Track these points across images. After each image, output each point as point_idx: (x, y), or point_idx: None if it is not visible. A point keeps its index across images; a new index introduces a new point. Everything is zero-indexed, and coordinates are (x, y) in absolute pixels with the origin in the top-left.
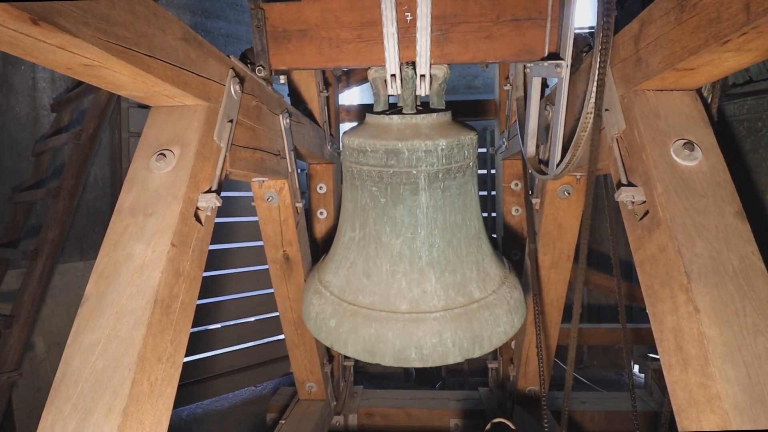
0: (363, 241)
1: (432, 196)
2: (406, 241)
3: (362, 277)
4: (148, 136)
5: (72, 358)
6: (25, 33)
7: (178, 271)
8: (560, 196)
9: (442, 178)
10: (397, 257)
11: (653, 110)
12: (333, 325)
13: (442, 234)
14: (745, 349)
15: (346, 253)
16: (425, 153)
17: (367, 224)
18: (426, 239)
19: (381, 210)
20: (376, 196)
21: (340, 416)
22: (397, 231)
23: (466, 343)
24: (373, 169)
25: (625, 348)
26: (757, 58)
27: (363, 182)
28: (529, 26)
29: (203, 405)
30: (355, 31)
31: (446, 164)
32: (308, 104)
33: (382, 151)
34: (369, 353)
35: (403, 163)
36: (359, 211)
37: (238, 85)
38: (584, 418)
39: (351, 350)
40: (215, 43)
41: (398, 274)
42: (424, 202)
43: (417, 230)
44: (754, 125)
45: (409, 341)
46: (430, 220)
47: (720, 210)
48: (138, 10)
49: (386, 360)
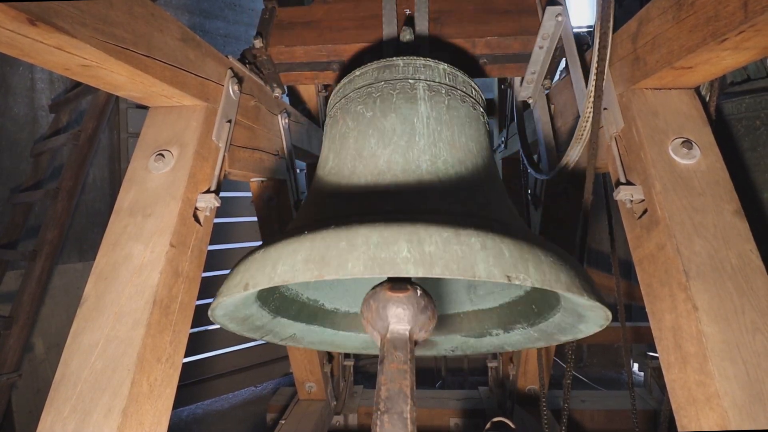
0: (336, 167)
1: (434, 108)
2: (398, 149)
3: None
4: (146, 137)
5: (71, 359)
6: (22, 33)
7: (177, 272)
8: (559, 194)
9: (445, 93)
10: (384, 166)
11: (651, 109)
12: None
13: (450, 150)
14: (744, 346)
15: (313, 197)
16: (424, 67)
17: (345, 146)
18: (427, 149)
19: (366, 125)
20: (360, 114)
21: (340, 416)
22: (386, 140)
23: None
24: (359, 90)
25: (625, 346)
26: (754, 56)
27: (346, 110)
28: (523, 16)
29: (203, 405)
30: (356, 21)
31: (450, 82)
32: (307, 104)
33: (373, 69)
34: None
35: (398, 74)
36: (337, 140)
37: (237, 85)
38: (584, 416)
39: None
40: (214, 44)
41: (384, 185)
42: (423, 112)
43: (414, 139)
44: (752, 123)
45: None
46: (432, 132)
47: (718, 208)
48: (136, 10)
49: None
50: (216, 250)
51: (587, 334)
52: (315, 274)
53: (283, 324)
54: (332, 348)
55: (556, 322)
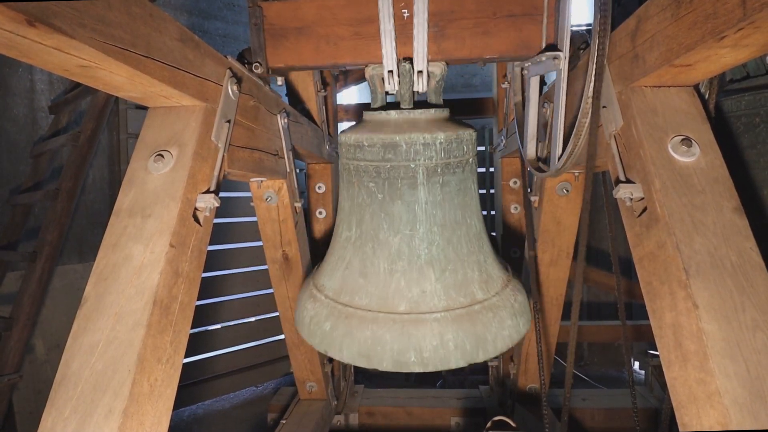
0: (360, 240)
1: (431, 191)
2: (405, 239)
3: (358, 277)
4: (145, 137)
5: (72, 360)
6: (21, 34)
7: (177, 272)
8: (559, 193)
9: (440, 172)
10: (395, 255)
11: (651, 107)
12: (328, 328)
13: (442, 231)
14: (744, 344)
15: (342, 253)
16: (423, 146)
17: (364, 221)
18: (425, 236)
19: (378, 206)
20: (373, 192)
21: (341, 415)
22: (395, 228)
23: (469, 346)
24: (370, 164)
25: (625, 345)
26: (754, 53)
27: (360, 178)
28: (526, 22)
29: (204, 405)
30: (351, 28)
31: (445, 158)
32: (306, 104)
33: (379, 145)
34: (365, 357)
35: (401, 157)
36: (356, 209)
37: (236, 86)
38: (585, 415)
39: (346, 355)
40: (213, 44)
41: (396, 273)
42: (422, 198)
43: (416, 227)
44: (752, 121)
45: (408, 344)
46: (429, 216)
47: (718, 206)
48: (134, 11)
49: (384, 365)
50: (216, 251)
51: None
52: (363, 363)
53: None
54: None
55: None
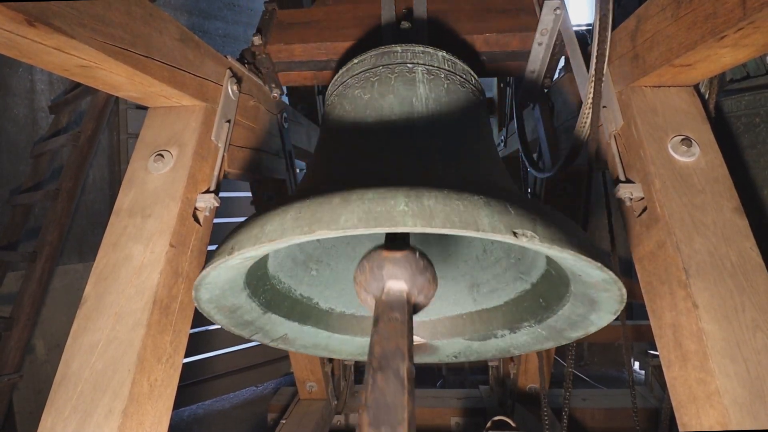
0: (334, 146)
1: (433, 90)
2: (397, 130)
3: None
4: (145, 137)
5: (72, 360)
6: (21, 34)
7: (177, 272)
8: (559, 193)
9: (444, 78)
10: (383, 147)
11: (651, 106)
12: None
13: (452, 131)
14: (744, 344)
15: (309, 171)
16: (423, 53)
17: (343, 128)
18: (425, 129)
19: (363, 106)
20: (358, 97)
21: (341, 415)
22: (384, 119)
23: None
24: (357, 76)
25: (625, 345)
26: (753, 53)
27: (344, 96)
28: (521, 14)
29: (204, 405)
30: (354, 21)
31: (449, 68)
32: (306, 104)
33: (371, 55)
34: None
35: (397, 59)
36: (334, 123)
37: (236, 85)
38: (585, 415)
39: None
40: (213, 44)
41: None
42: (422, 93)
43: (412, 118)
44: (752, 121)
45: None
46: (432, 112)
47: (718, 206)
48: (134, 11)
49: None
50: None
51: (599, 325)
52: (305, 231)
53: (275, 322)
54: (326, 353)
55: (566, 315)
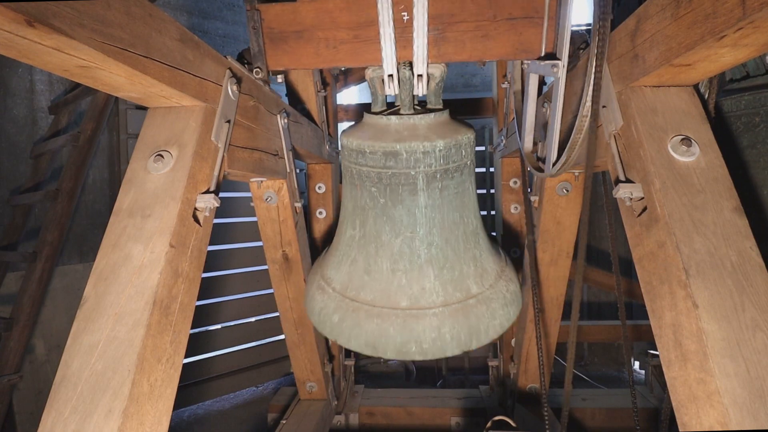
0: (363, 239)
1: (430, 196)
2: (406, 240)
3: (363, 274)
4: (145, 137)
5: (71, 360)
6: (20, 35)
7: (176, 272)
8: (559, 193)
9: (440, 178)
10: (397, 255)
11: (650, 106)
12: (336, 320)
13: (441, 232)
14: (744, 344)
15: (347, 251)
16: (423, 154)
17: (367, 223)
18: (425, 238)
19: (380, 210)
20: (375, 197)
21: (341, 415)
22: (397, 230)
23: (463, 337)
24: (372, 170)
25: (625, 344)
26: (753, 53)
27: (362, 182)
28: (526, 25)
29: (204, 405)
30: (351, 32)
31: (444, 164)
32: (306, 104)
33: (380, 153)
34: (371, 347)
35: (402, 165)
36: (359, 211)
37: (236, 86)
38: (585, 415)
39: (354, 345)
40: (212, 44)
41: (398, 272)
42: (422, 203)
43: (416, 229)
44: (752, 121)
45: (410, 336)
46: (429, 220)
47: (718, 205)
48: (134, 11)
49: (388, 353)
50: (216, 251)
51: None
52: (369, 352)
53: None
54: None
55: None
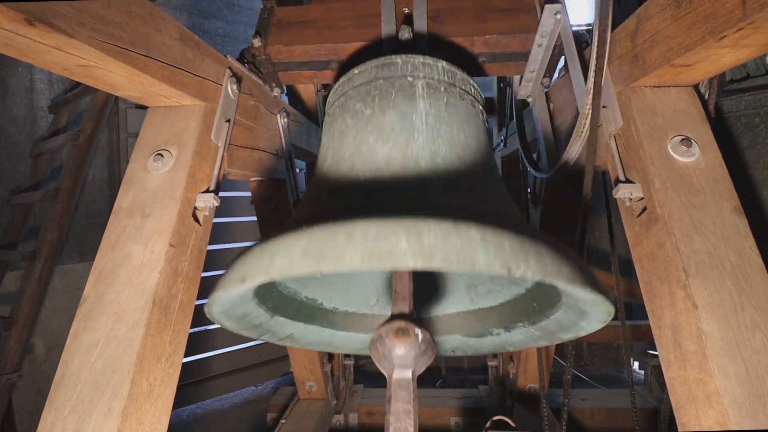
0: (334, 164)
1: (433, 105)
2: (397, 146)
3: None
4: (145, 137)
5: (71, 359)
6: (20, 34)
7: (176, 272)
8: (559, 193)
9: (444, 91)
10: (383, 162)
11: (650, 107)
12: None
13: (449, 146)
14: (744, 344)
15: (312, 186)
16: (423, 65)
17: (344, 143)
18: (426, 145)
19: (365, 122)
20: (359, 111)
21: (341, 415)
22: (385, 137)
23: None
24: (358, 89)
25: (625, 345)
26: (753, 53)
27: (345, 108)
28: (521, 13)
29: (204, 405)
30: (354, 21)
31: (449, 80)
32: (306, 103)
33: (371, 67)
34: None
35: (397, 72)
36: (336, 137)
37: (236, 85)
38: (584, 415)
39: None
40: (212, 43)
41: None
42: (422, 109)
43: (413, 136)
44: (752, 121)
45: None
46: (431, 128)
47: (718, 206)
48: (134, 10)
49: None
50: (216, 250)
51: (589, 331)
52: (312, 267)
53: (282, 323)
54: (331, 348)
55: (558, 320)
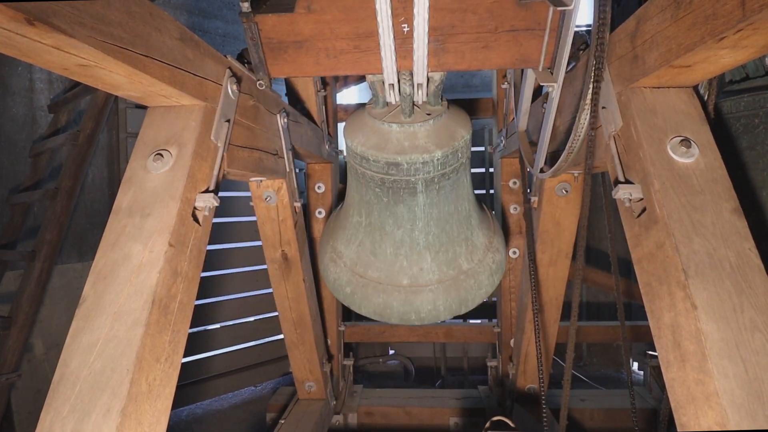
0: (369, 227)
1: (428, 196)
2: (407, 232)
3: (370, 255)
4: (145, 137)
5: (70, 359)
6: (20, 33)
7: (176, 271)
8: (558, 194)
9: (437, 181)
10: (399, 243)
11: (650, 107)
12: (348, 292)
13: (437, 223)
14: (743, 345)
15: (355, 233)
16: (422, 164)
17: (372, 215)
18: (423, 229)
19: (384, 207)
20: (379, 196)
21: (340, 415)
22: (398, 224)
23: (454, 306)
24: (375, 174)
25: (624, 345)
26: (753, 54)
27: (367, 183)
28: (527, 37)
29: (203, 405)
30: (351, 42)
31: (441, 170)
32: (306, 104)
33: (383, 162)
34: (379, 315)
35: (403, 173)
36: (364, 204)
37: (236, 85)
38: (584, 415)
39: (365, 312)
40: (213, 43)
41: (400, 256)
42: (421, 202)
43: (416, 223)
44: (751, 122)
45: (410, 308)
46: (427, 215)
47: (717, 207)
48: (134, 10)
49: (392, 320)
50: (215, 250)
51: None
52: (377, 318)
53: None
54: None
55: None
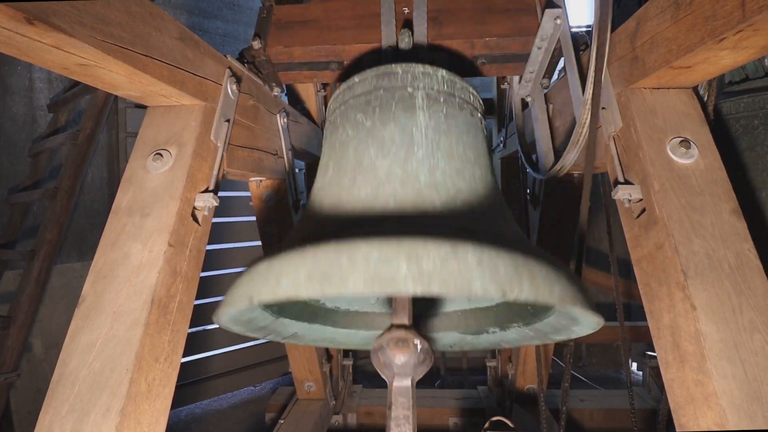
0: (336, 176)
1: (432, 117)
2: (397, 160)
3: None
4: (144, 136)
5: (69, 359)
6: (20, 33)
7: (175, 271)
8: (558, 194)
9: (444, 101)
10: (383, 177)
11: (650, 108)
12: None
13: (448, 160)
14: (742, 346)
15: (315, 196)
16: (423, 74)
17: (345, 155)
18: (425, 160)
19: (366, 134)
20: (359, 122)
21: (340, 415)
22: (385, 150)
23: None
24: (359, 98)
25: (623, 346)
26: (753, 55)
27: (345, 117)
28: (521, 14)
29: (202, 405)
30: (354, 21)
31: (449, 90)
32: (306, 103)
33: (372, 76)
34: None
35: (397, 82)
36: (337, 148)
37: (235, 85)
38: (583, 415)
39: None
40: (213, 43)
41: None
42: (422, 122)
43: (413, 149)
44: (751, 123)
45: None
46: (431, 142)
47: (716, 207)
48: (134, 9)
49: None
50: (215, 250)
51: (580, 335)
52: (317, 291)
53: (286, 324)
54: (333, 345)
55: (551, 323)
